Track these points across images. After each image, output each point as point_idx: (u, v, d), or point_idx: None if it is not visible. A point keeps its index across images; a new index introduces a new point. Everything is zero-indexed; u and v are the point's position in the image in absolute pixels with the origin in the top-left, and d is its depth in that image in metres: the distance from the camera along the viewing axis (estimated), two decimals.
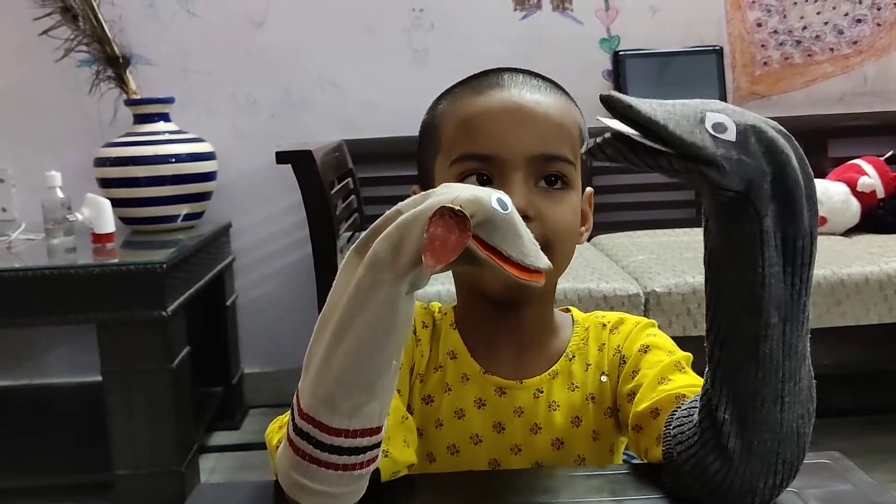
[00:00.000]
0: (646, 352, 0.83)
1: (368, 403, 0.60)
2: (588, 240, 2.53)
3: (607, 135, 0.59)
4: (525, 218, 0.77)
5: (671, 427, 0.69)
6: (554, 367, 0.87)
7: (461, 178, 0.80)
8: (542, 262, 0.59)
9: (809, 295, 0.62)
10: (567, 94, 0.88)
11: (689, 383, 0.76)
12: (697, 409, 0.66)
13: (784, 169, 0.60)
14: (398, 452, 0.72)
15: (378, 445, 0.63)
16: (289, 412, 0.69)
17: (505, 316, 0.85)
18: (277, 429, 0.72)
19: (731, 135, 0.59)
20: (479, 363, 0.86)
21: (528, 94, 0.83)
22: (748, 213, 0.60)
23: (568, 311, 0.93)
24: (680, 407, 0.70)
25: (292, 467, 0.62)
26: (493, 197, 0.58)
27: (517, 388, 0.85)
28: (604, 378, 0.86)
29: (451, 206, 0.55)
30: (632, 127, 0.58)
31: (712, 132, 0.59)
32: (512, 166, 0.79)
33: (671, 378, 0.77)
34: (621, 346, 0.86)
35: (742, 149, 0.59)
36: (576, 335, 0.89)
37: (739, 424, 0.62)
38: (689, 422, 0.67)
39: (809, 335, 0.63)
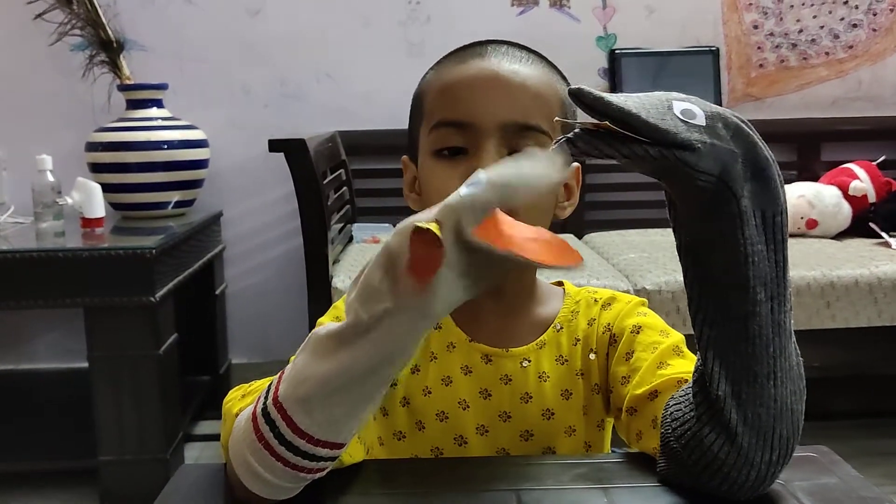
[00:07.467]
0: (638, 332, 0.83)
1: (344, 422, 0.60)
2: (580, 237, 2.58)
3: (577, 129, 0.60)
4: None
5: (669, 407, 0.69)
6: (542, 338, 0.87)
7: (438, 151, 0.81)
8: (556, 166, 0.56)
9: (788, 272, 0.64)
10: (554, 67, 0.87)
11: (690, 368, 0.76)
12: (691, 387, 0.67)
13: (754, 149, 0.62)
14: (346, 455, 0.69)
15: (334, 459, 0.63)
16: (260, 384, 0.68)
17: None
18: (240, 397, 0.71)
19: (700, 120, 0.61)
20: (465, 331, 0.86)
21: (506, 64, 0.83)
22: (725, 195, 0.61)
23: (561, 284, 0.93)
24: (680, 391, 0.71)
25: (247, 444, 0.62)
26: (459, 191, 0.55)
27: (503, 356, 0.86)
28: (592, 356, 0.86)
29: (419, 225, 0.54)
30: (602, 120, 0.59)
31: (682, 118, 0.61)
32: (484, 134, 0.79)
33: (670, 363, 0.77)
34: (612, 325, 0.86)
35: (712, 133, 0.61)
36: (565, 307, 0.89)
37: (734, 399, 0.63)
38: (685, 400, 0.68)
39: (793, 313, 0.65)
